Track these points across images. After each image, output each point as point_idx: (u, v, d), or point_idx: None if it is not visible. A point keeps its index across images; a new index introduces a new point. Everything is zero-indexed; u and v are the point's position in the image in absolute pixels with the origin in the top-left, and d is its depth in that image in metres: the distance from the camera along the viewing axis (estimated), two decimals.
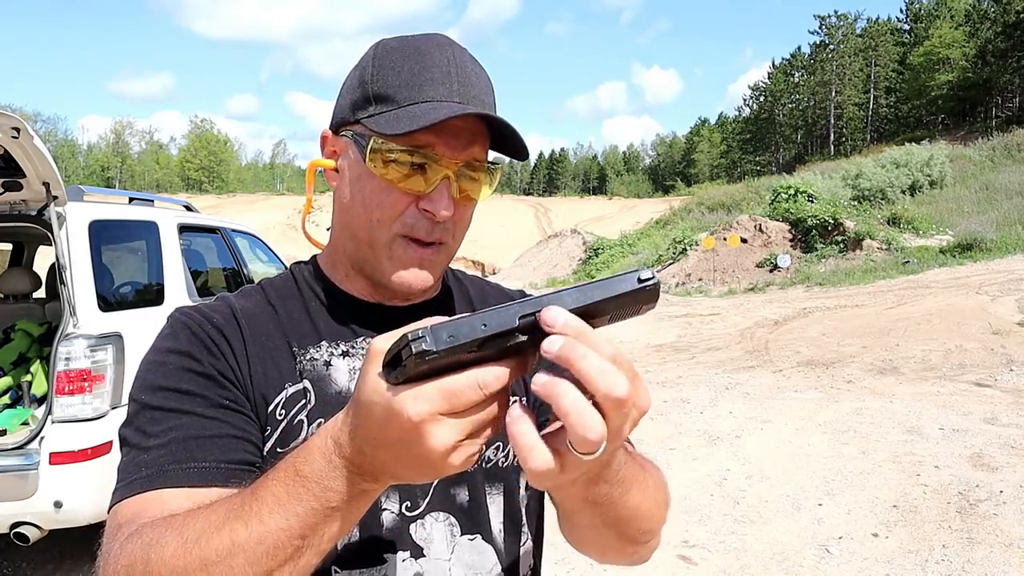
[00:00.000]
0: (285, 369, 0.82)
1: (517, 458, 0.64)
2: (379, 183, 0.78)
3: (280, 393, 0.80)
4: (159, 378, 0.76)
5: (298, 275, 0.91)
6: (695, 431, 6.33)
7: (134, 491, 0.70)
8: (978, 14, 59.49)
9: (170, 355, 0.78)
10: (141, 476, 0.71)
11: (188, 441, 0.72)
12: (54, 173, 3.39)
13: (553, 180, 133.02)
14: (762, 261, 22.16)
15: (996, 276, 15.81)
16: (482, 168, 0.80)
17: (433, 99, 0.76)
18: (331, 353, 0.84)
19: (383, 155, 0.77)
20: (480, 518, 0.86)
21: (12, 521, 3.22)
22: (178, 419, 0.74)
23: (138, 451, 0.73)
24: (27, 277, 4.87)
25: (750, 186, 36.26)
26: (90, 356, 3.29)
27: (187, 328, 0.80)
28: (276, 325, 0.85)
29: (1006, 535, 4.01)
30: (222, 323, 0.82)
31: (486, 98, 0.81)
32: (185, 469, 0.71)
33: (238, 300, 0.87)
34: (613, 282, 0.51)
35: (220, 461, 0.73)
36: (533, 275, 29.90)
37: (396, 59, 0.79)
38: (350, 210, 0.83)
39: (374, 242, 0.81)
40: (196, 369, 0.77)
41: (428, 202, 0.78)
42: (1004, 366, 8.24)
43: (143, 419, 0.74)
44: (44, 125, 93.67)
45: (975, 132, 43.54)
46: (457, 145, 0.77)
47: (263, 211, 62.04)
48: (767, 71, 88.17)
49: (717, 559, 3.89)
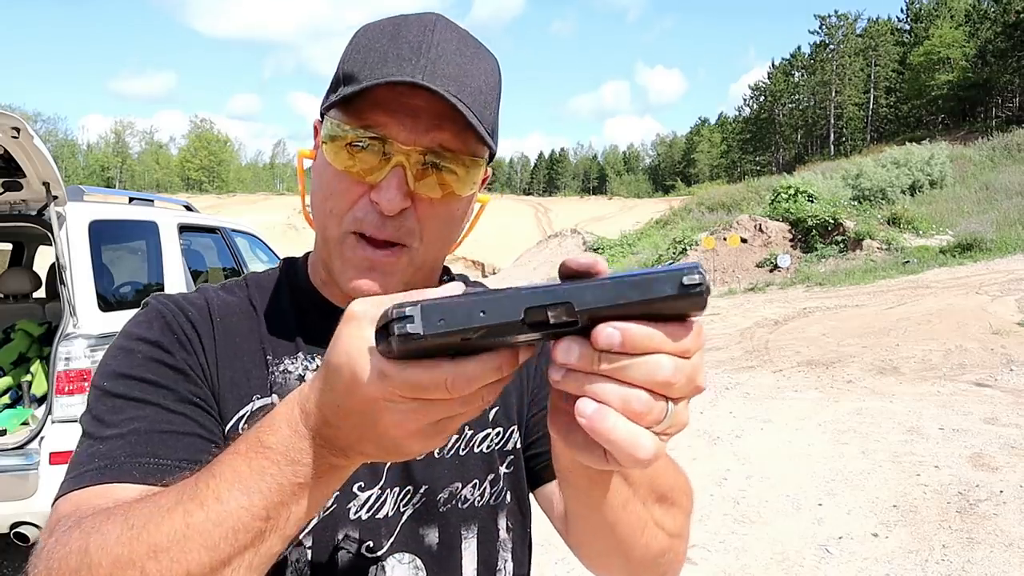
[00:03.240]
0: (256, 378, 0.75)
1: (558, 468, 0.62)
2: (333, 170, 0.70)
3: (246, 405, 0.74)
4: (124, 366, 0.70)
5: (284, 274, 0.84)
6: (695, 431, 6.33)
7: (82, 484, 0.62)
8: (978, 14, 59.54)
9: (140, 343, 0.72)
10: (92, 468, 0.63)
11: (150, 434, 0.65)
12: (54, 173, 3.39)
13: (553, 180, 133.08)
14: (762, 261, 22.15)
15: (996, 276, 15.80)
16: (456, 159, 0.69)
17: (391, 76, 0.66)
18: (306, 367, 0.77)
19: (337, 139, 0.69)
20: (451, 563, 0.78)
21: (12, 521, 3.22)
22: (140, 409, 0.67)
23: (93, 441, 0.66)
24: (27, 277, 4.87)
25: (750, 186, 36.23)
26: (90, 356, 3.29)
27: (161, 317, 0.74)
28: (254, 328, 0.78)
29: (1006, 535, 4.01)
30: (196, 317, 0.75)
31: (469, 81, 0.68)
32: (142, 464, 0.63)
33: (218, 294, 0.80)
34: (650, 281, 0.41)
35: (182, 459, 0.65)
36: (533, 275, 29.90)
37: (371, 37, 0.70)
38: (315, 202, 0.75)
39: (328, 239, 0.73)
40: (166, 361, 0.71)
41: (376, 192, 0.68)
42: (1004, 366, 8.23)
43: (102, 407, 0.68)
44: (44, 125, 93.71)
45: (975, 132, 43.59)
46: (416, 127, 0.67)
47: (263, 211, 62.02)
48: (767, 71, 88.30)
49: (717, 559, 3.89)
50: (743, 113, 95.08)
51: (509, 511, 0.83)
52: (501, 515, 0.82)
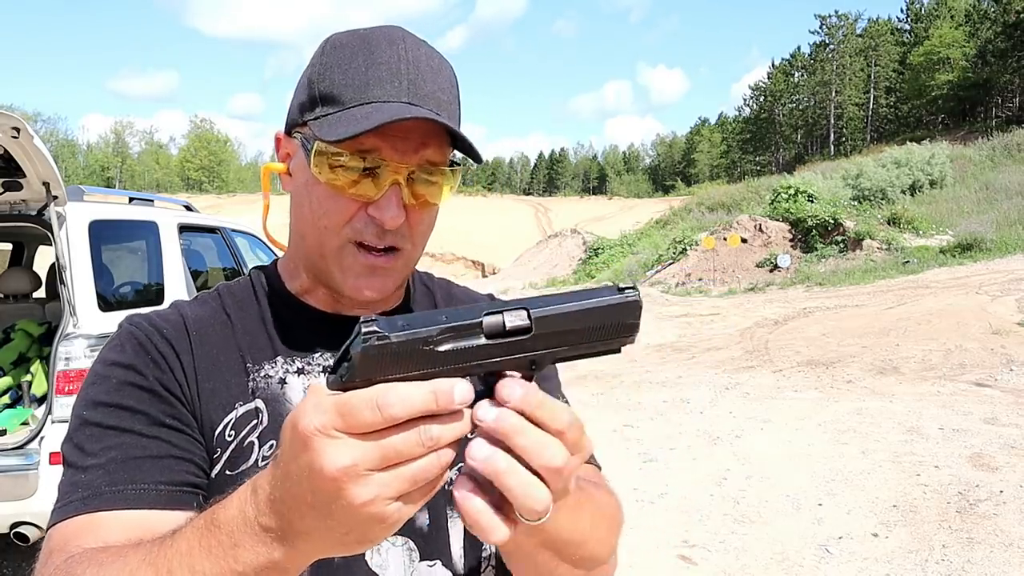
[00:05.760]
0: (236, 386, 0.78)
1: None
2: (325, 189, 0.74)
3: (230, 412, 0.76)
4: (100, 393, 0.73)
5: (256, 282, 0.86)
6: (695, 431, 6.33)
7: (68, 514, 0.67)
8: (978, 14, 59.51)
9: (114, 368, 0.75)
10: (77, 498, 0.68)
11: (127, 462, 0.69)
12: (54, 173, 3.39)
13: (553, 180, 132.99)
14: (762, 261, 22.15)
15: (996, 276, 15.80)
16: (439, 171, 0.76)
17: (379, 99, 0.71)
18: (286, 370, 0.80)
19: (328, 160, 0.72)
20: (440, 543, 0.81)
21: (12, 521, 3.22)
22: (117, 437, 0.70)
23: (75, 470, 0.70)
24: (27, 277, 4.87)
25: (750, 186, 36.22)
26: (90, 356, 3.29)
27: (134, 339, 0.77)
28: (230, 337, 0.80)
29: (1006, 535, 4.01)
30: (171, 334, 0.78)
31: (443, 95, 0.75)
32: (121, 492, 0.68)
33: (192, 308, 0.82)
34: (594, 291, 0.47)
35: (159, 482, 0.69)
36: (533, 275, 29.89)
37: (343, 56, 0.74)
38: (301, 217, 0.79)
39: (324, 250, 0.77)
40: (139, 383, 0.73)
41: (376, 209, 0.74)
42: (1004, 366, 8.23)
43: (81, 436, 0.72)
44: (44, 125, 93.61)
45: (975, 132, 43.55)
46: (407, 148, 0.73)
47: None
48: (767, 71, 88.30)
49: (717, 559, 3.89)
50: (743, 113, 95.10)
51: None
52: None
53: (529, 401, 0.46)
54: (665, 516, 4.49)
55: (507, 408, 0.46)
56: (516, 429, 0.46)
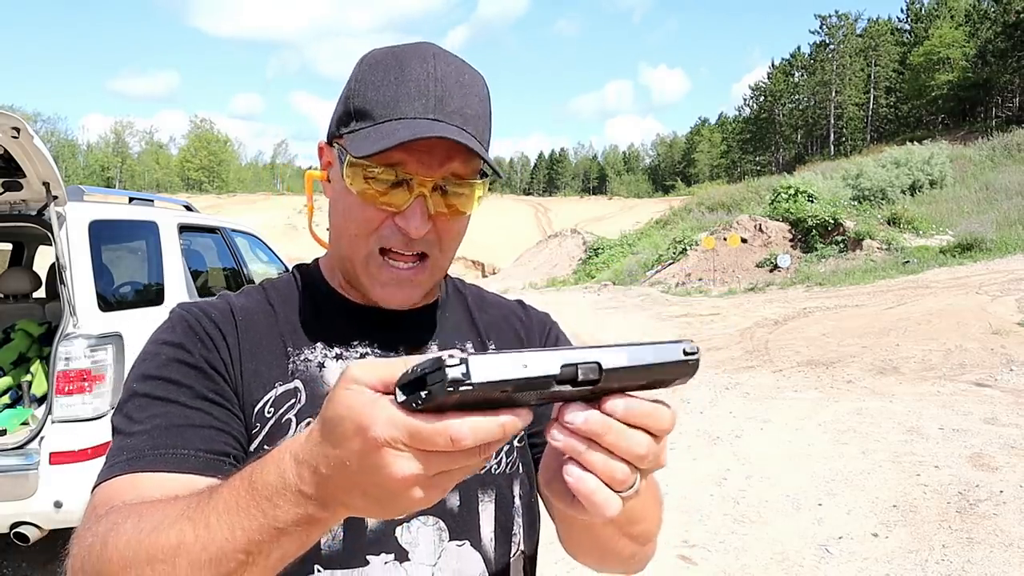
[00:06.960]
0: (277, 368, 0.83)
1: (541, 482, 0.69)
2: (356, 199, 0.79)
3: (270, 391, 0.81)
4: (150, 367, 0.79)
5: (299, 277, 0.93)
6: (695, 431, 6.33)
7: (113, 474, 0.72)
8: (978, 14, 59.51)
9: (164, 346, 0.80)
10: (121, 460, 0.73)
11: (170, 429, 0.74)
12: (54, 173, 3.39)
13: (553, 180, 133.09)
14: (762, 261, 22.15)
15: (996, 276, 15.79)
16: (466, 183, 0.80)
17: (407, 116, 0.76)
18: (325, 355, 0.85)
19: (362, 171, 0.78)
20: (470, 524, 0.85)
21: (12, 521, 3.22)
22: (163, 407, 0.76)
23: (123, 436, 0.75)
24: (27, 277, 4.87)
25: (750, 186, 36.21)
26: (90, 356, 3.29)
27: (184, 321, 0.83)
28: (273, 325, 0.86)
29: (1006, 535, 4.01)
30: (219, 318, 0.84)
31: (469, 111, 0.79)
32: (163, 455, 0.72)
33: (238, 298, 0.89)
34: (660, 349, 0.51)
35: (199, 449, 0.74)
36: (533, 275, 29.89)
37: (377, 73, 0.79)
38: (336, 223, 0.85)
39: (354, 257, 0.83)
40: (186, 360, 0.79)
41: (402, 219, 0.79)
42: (1004, 366, 8.23)
43: (131, 406, 0.77)
44: (44, 125, 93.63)
45: (975, 132, 43.54)
46: (431, 163, 0.77)
47: (263, 211, 62.10)
48: (767, 71, 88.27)
49: (717, 559, 3.89)
50: (743, 113, 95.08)
51: (521, 481, 0.91)
52: (515, 483, 0.90)
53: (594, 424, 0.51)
54: (665, 516, 4.47)
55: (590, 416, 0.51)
56: (605, 427, 0.51)
